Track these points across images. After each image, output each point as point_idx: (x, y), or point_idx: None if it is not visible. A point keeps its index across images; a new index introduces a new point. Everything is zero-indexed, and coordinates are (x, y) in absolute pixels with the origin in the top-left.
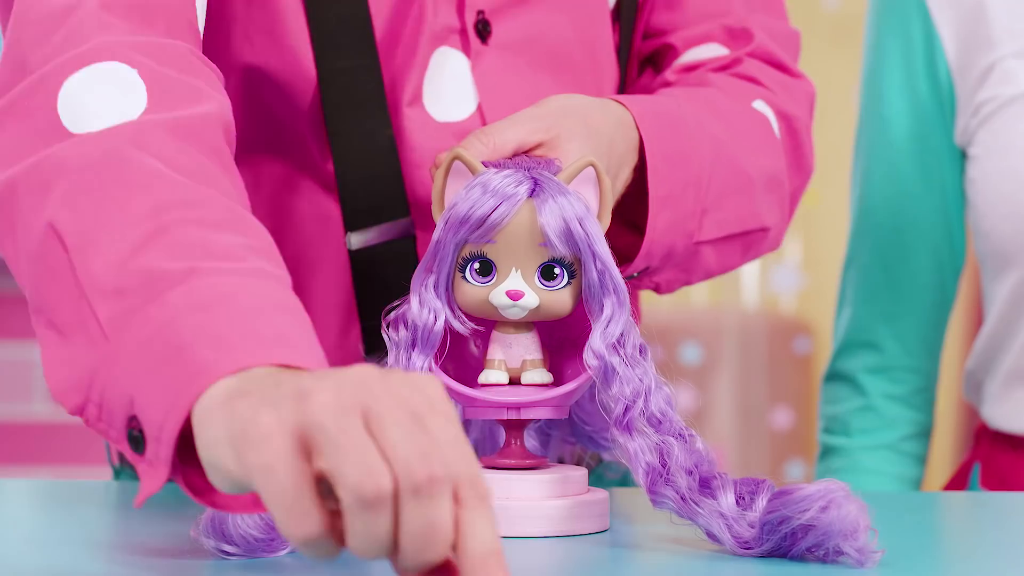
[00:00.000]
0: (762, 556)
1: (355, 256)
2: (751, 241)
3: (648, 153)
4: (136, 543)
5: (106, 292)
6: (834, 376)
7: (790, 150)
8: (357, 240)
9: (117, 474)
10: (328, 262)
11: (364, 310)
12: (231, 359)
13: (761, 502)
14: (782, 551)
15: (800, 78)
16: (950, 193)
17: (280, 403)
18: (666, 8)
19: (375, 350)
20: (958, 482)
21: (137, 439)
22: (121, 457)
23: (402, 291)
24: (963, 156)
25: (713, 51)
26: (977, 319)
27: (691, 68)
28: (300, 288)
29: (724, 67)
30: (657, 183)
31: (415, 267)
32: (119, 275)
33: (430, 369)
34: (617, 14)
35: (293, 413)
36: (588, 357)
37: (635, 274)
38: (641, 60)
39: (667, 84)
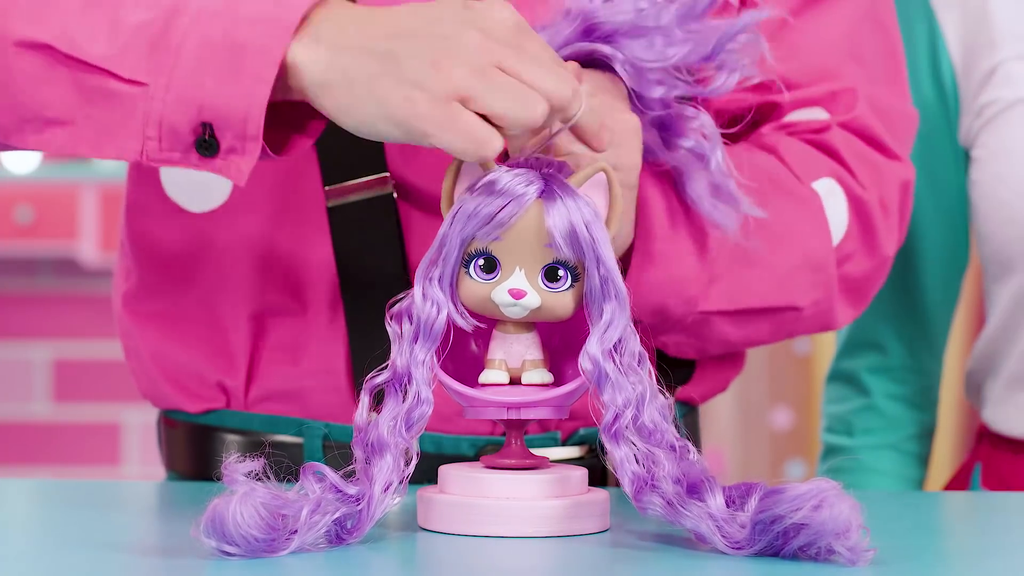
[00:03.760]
0: (753, 555)
1: (333, 216)
2: (780, 320)
3: (647, 205)
4: (136, 543)
5: (115, 56)
6: (837, 376)
7: (859, 232)
8: (334, 198)
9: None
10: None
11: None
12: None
13: (753, 502)
14: (774, 550)
15: (897, 160)
16: (954, 194)
17: (422, 80)
18: (778, 60)
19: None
20: (959, 482)
21: (208, 142)
22: (175, 461)
23: (380, 251)
24: (967, 157)
25: (815, 114)
26: (980, 319)
27: (786, 127)
28: (293, 275)
29: (815, 131)
30: (649, 239)
31: (393, 223)
32: (115, 39)
33: (431, 366)
34: None
35: (441, 83)
36: (583, 361)
37: None
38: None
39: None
